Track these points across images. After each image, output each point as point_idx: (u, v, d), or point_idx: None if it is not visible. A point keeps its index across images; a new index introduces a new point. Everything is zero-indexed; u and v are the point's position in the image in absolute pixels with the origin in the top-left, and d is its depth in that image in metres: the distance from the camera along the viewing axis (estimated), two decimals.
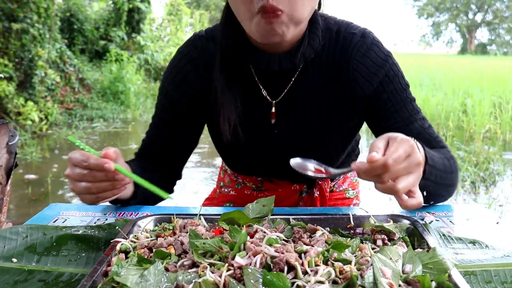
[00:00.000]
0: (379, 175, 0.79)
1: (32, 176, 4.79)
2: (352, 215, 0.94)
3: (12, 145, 1.59)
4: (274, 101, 1.15)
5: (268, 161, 1.25)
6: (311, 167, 0.93)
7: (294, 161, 0.95)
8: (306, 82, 1.14)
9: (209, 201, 1.50)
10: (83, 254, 0.87)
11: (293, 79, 1.13)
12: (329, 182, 1.37)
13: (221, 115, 1.12)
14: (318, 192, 1.34)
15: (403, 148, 0.80)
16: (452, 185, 1.11)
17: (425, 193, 0.93)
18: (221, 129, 1.13)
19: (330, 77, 1.13)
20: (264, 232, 0.82)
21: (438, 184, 1.02)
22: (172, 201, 1.06)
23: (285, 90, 1.14)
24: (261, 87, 1.15)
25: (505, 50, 50.44)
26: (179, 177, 1.33)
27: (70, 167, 0.95)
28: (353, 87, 1.12)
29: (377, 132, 1.18)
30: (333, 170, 0.93)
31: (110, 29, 11.65)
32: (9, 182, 1.57)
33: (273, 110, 1.15)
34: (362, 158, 1.16)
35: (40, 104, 7.24)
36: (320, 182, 1.34)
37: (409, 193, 0.84)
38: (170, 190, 1.29)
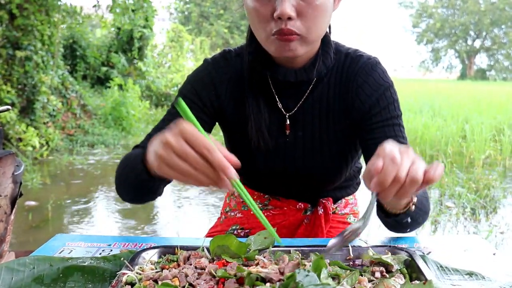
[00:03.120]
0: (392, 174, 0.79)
1: (32, 203, 4.79)
2: (352, 246, 0.97)
3: (18, 175, 1.61)
4: (288, 114, 1.24)
5: (280, 172, 1.30)
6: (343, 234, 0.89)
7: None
8: (316, 97, 1.23)
9: (214, 229, 1.53)
10: (90, 286, 0.89)
11: (305, 94, 1.23)
12: (332, 202, 1.42)
13: (250, 122, 1.22)
14: (322, 210, 1.39)
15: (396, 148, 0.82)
16: (427, 212, 1.16)
17: (409, 220, 1.02)
18: (249, 135, 1.22)
19: (338, 93, 1.23)
20: (264, 263, 0.85)
21: (419, 209, 1.07)
22: (175, 232, 1.07)
23: (298, 104, 1.24)
24: (278, 100, 1.24)
25: (504, 76, 50.78)
26: None
27: (177, 137, 0.78)
28: (355, 101, 1.21)
29: (362, 145, 1.24)
30: (359, 223, 0.87)
31: (112, 55, 11.78)
32: (13, 211, 1.59)
33: (288, 122, 1.25)
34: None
35: (41, 130, 7.29)
36: (323, 201, 1.39)
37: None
38: (162, 190, 1.21)
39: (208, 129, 1.28)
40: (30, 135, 6.71)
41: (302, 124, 1.25)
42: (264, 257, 0.91)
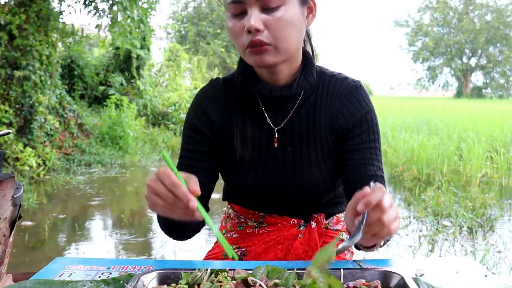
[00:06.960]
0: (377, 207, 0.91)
1: (28, 223, 4.79)
2: (343, 269, 0.99)
3: (17, 197, 1.62)
4: (276, 128, 1.33)
5: (271, 188, 1.35)
6: None
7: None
8: (304, 114, 1.33)
9: (211, 252, 1.55)
10: None
11: (292, 110, 1.32)
12: (324, 217, 1.46)
13: (235, 134, 1.31)
14: (315, 224, 1.43)
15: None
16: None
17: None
18: (235, 147, 1.31)
19: (323, 110, 1.33)
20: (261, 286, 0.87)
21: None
22: (173, 252, 1.11)
23: (286, 119, 1.33)
24: (266, 115, 1.33)
25: (500, 93, 51.07)
26: (207, 210, 1.40)
27: (155, 179, 0.99)
28: (339, 118, 1.31)
29: (339, 164, 1.33)
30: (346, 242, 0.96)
31: (110, 75, 11.83)
32: (12, 233, 1.60)
33: (276, 135, 1.33)
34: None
35: (38, 150, 7.30)
36: (316, 216, 1.44)
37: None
38: (201, 223, 1.36)
39: (213, 158, 1.36)
40: (27, 155, 6.72)
41: (291, 139, 1.33)
42: (261, 280, 0.93)
